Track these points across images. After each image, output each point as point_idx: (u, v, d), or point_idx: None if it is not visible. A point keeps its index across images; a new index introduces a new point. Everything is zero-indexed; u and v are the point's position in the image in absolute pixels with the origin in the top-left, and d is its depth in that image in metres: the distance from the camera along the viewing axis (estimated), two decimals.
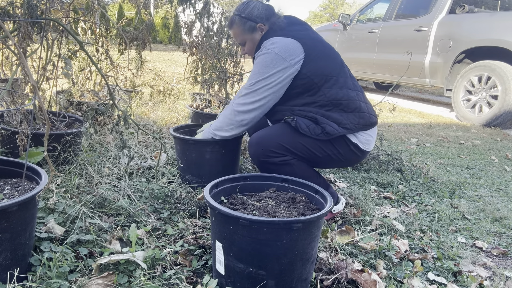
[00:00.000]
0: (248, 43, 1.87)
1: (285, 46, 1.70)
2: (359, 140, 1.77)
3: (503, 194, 2.57)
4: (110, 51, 3.04)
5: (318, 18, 49.04)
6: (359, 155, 1.82)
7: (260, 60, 1.73)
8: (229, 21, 1.88)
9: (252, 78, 1.75)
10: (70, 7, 2.34)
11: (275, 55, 1.69)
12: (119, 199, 1.71)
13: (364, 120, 1.75)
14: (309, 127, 1.70)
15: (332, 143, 1.74)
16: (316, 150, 1.73)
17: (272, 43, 1.72)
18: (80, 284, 1.17)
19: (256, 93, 1.73)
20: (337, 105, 1.72)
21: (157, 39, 13.61)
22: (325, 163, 1.85)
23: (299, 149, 1.72)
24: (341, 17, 7.21)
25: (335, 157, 1.77)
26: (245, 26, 1.83)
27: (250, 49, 1.89)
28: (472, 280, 1.47)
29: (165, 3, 12.36)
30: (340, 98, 1.72)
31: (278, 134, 1.73)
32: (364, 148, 1.80)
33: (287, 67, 1.69)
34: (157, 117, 3.53)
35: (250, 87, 1.74)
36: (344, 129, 1.71)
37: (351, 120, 1.72)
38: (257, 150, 1.73)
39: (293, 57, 1.70)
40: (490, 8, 5.92)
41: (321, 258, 1.42)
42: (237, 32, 1.86)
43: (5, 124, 1.97)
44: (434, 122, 5.13)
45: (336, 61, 1.80)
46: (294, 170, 1.71)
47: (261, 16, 1.81)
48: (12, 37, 1.39)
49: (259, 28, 1.82)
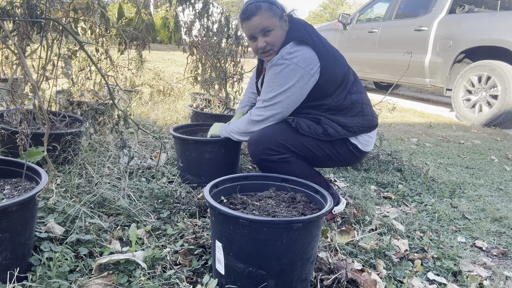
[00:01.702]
0: (276, 30, 1.70)
1: (303, 56, 1.65)
2: (358, 141, 1.78)
3: (503, 194, 2.57)
4: (110, 51, 3.03)
5: (318, 18, 49.02)
6: (358, 156, 1.83)
7: (278, 70, 1.67)
8: (253, 7, 1.68)
9: (272, 90, 1.70)
10: (70, 6, 2.34)
11: (295, 65, 1.64)
12: (119, 199, 1.71)
13: (367, 122, 1.77)
14: (310, 127, 1.71)
15: (331, 144, 1.75)
16: (315, 150, 1.74)
17: (289, 53, 1.66)
18: (80, 284, 1.17)
19: (276, 106, 1.71)
20: (341, 109, 1.73)
21: (157, 39, 13.61)
22: (324, 163, 1.86)
23: (298, 147, 1.72)
24: (341, 16, 7.20)
25: (334, 157, 1.78)
26: (275, 11, 1.69)
27: (276, 38, 1.71)
28: (472, 279, 1.47)
29: (164, 3, 12.36)
30: (344, 104, 1.73)
31: (278, 132, 1.73)
32: (363, 149, 1.81)
33: (308, 77, 1.66)
34: (157, 117, 3.53)
35: (270, 100, 1.71)
36: (347, 132, 1.72)
37: (355, 123, 1.73)
38: (256, 149, 1.73)
39: (311, 66, 1.65)
40: (490, 8, 5.91)
41: (321, 258, 1.42)
42: (265, 17, 1.68)
43: (5, 124, 1.97)
44: (434, 122, 5.13)
45: (343, 66, 1.77)
46: (293, 169, 1.71)
47: (283, 8, 1.75)
48: (11, 37, 1.38)
49: (284, 19, 1.74)
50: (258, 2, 1.69)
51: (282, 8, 1.75)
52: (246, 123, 1.80)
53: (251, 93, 2.23)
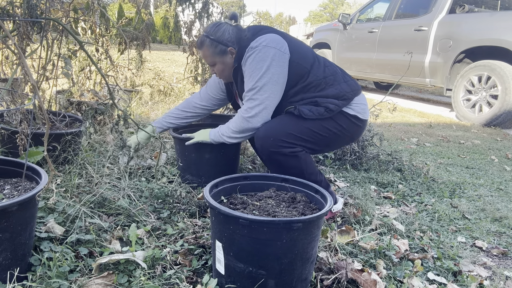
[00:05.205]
0: (218, 66, 1.84)
1: (270, 38, 1.73)
2: (356, 111, 1.83)
3: (503, 194, 2.57)
4: (110, 50, 3.03)
5: (318, 18, 49.01)
6: (361, 125, 1.88)
7: (251, 59, 1.71)
8: (199, 42, 1.84)
9: (253, 79, 1.71)
10: (70, 6, 2.34)
11: (265, 47, 1.70)
12: (119, 199, 1.71)
13: (353, 86, 1.84)
14: (311, 110, 1.74)
15: (334, 120, 1.79)
16: (322, 131, 1.77)
17: (256, 41, 1.72)
18: (80, 283, 1.17)
19: (262, 90, 1.70)
20: (327, 82, 1.78)
21: (157, 38, 13.60)
22: (333, 143, 1.90)
23: (307, 134, 1.75)
24: (341, 16, 7.20)
25: (341, 133, 1.81)
26: (216, 49, 1.79)
27: (220, 71, 1.86)
28: (472, 279, 1.47)
29: (164, 3, 12.35)
30: (327, 75, 1.80)
31: (284, 123, 1.75)
32: (363, 117, 1.86)
33: (280, 54, 1.71)
34: (157, 117, 3.53)
35: (254, 88, 1.71)
36: (343, 100, 1.78)
37: (345, 89, 1.79)
38: (266, 142, 1.72)
39: (281, 44, 1.73)
40: (490, 7, 5.91)
41: (321, 257, 1.42)
42: (207, 54, 1.83)
43: (5, 124, 1.97)
44: (434, 122, 5.13)
45: (307, 47, 1.88)
46: (301, 164, 1.74)
47: (232, 40, 1.79)
48: (12, 37, 1.38)
49: (229, 52, 1.80)
50: (203, 37, 1.82)
51: (228, 41, 1.79)
52: (239, 121, 1.76)
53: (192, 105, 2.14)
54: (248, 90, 1.74)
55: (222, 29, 1.80)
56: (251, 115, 1.73)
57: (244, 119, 1.74)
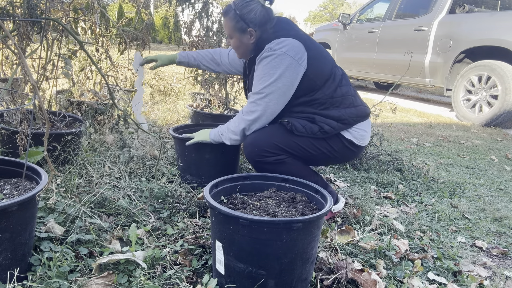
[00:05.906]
0: (235, 40, 1.80)
1: (291, 45, 1.67)
2: (353, 136, 1.78)
3: (503, 194, 2.57)
4: (110, 50, 3.03)
5: (318, 18, 49.01)
6: (355, 151, 1.83)
7: (267, 61, 1.68)
8: (225, 9, 1.80)
9: (262, 82, 1.69)
10: (70, 6, 2.34)
11: (283, 54, 1.66)
12: (119, 199, 1.71)
13: (360, 112, 1.79)
14: (305, 127, 1.71)
15: (326, 141, 1.75)
16: (310, 149, 1.74)
17: (277, 44, 1.68)
18: (80, 283, 1.17)
19: (267, 98, 1.69)
20: (333, 103, 1.74)
21: (157, 38, 13.61)
22: (320, 161, 1.86)
23: (293, 148, 1.72)
24: (341, 16, 7.20)
25: (331, 154, 1.78)
26: (237, 24, 1.75)
27: (235, 46, 1.83)
28: (472, 279, 1.47)
29: (164, 3, 12.36)
30: (336, 96, 1.74)
31: (272, 134, 1.73)
32: (359, 143, 1.81)
33: (296, 65, 1.67)
34: (157, 117, 3.54)
35: (261, 92, 1.69)
36: (342, 124, 1.73)
37: (349, 114, 1.74)
38: (252, 151, 1.73)
39: (300, 55, 1.67)
40: (490, 8, 5.91)
41: (321, 257, 1.42)
42: (228, 25, 1.79)
43: (5, 124, 1.97)
44: (434, 122, 5.13)
45: (329, 60, 1.81)
46: (290, 169, 1.71)
47: (255, 22, 1.73)
48: (12, 37, 1.38)
49: (249, 32, 1.76)
50: (230, 8, 1.77)
51: (251, 21, 1.73)
52: (239, 121, 1.76)
53: (210, 54, 2.19)
54: (254, 92, 1.72)
55: (251, 7, 1.73)
56: (251, 119, 1.73)
57: (243, 120, 1.74)
